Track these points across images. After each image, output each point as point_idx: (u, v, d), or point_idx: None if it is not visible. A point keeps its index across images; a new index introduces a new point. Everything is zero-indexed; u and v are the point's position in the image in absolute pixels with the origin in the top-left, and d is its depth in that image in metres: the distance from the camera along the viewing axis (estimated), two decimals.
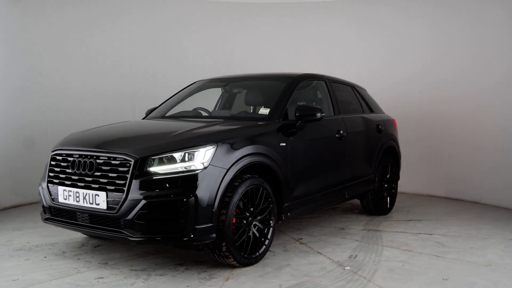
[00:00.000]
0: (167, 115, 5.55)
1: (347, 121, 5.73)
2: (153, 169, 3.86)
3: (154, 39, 8.20)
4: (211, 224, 3.89)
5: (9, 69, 6.93)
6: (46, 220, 4.44)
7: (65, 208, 4.20)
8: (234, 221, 4.13)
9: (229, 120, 5.00)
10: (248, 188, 4.20)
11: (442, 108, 7.78)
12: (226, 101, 6.29)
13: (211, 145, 3.98)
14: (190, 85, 6.09)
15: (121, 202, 3.83)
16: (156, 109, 5.76)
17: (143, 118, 5.66)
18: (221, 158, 4.01)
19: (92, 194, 3.99)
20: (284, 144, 4.64)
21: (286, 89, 5.13)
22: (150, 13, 8.20)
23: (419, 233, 5.49)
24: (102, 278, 3.93)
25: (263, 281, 3.86)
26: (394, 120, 7.01)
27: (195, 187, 3.83)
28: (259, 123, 4.68)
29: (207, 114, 5.56)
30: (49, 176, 4.38)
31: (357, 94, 6.45)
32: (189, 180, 3.84)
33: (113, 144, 4.15)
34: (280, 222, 4.69)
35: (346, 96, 6.30)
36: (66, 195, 4.17)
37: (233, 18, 8.65)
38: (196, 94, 5.90)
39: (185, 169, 3.87)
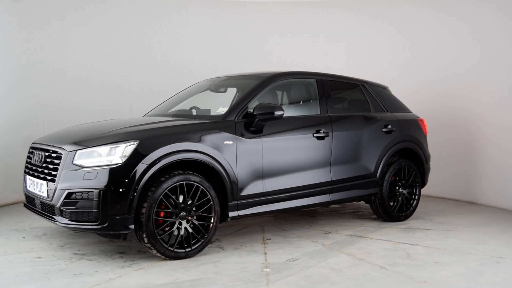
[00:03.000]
0: (168, 112, 5.79)
1: (336, 120, 5.50)
2: (79, 162, 4.22)
3: (151, 43, 8.21)
4: (127, 216, 4.12)
5: (8, 71, 7.02)
6: (24, 205, 5.06)
7: (29, 195, 4.76)
8: (162, 215, 4.31)
9: (185, 118, 5.11)
10: (177, 183, 4.33)
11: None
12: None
13: (133, 141, 4.22)
14: (195, 83, 6.32)
15: (53, 191, 4.25)
16: (159, 106, 6.05)
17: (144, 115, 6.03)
18: (143, 153, 4.21)
19: (40, 183, 4.48)
20: (230, 142, 4.67)
21: (253, 88, 5.12)
22: (146, 16, 8.20)
23: (403, 243, 5.07)
24: (40, 258, 4.40)
25: (168, 274, 3.99)
26: (420, 120, 6.47)
27: (111, 179, 4.10)
28: (205, 121, 4.78)
29: (195, 113, 5.74)
30: (25, 167, 4.99)
31: (367, 93, 6.10)
32: (106, 172, 4.12)
33: (60, 139, 4.60)
34: (229, 219, 4.72)
35: (348, 94, 6.03)
36: (30, 184, 4.73)
37: (247, 18, 8.59)
38: (203, 92, 6.10)
39: (106, 163, 4.16)
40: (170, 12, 8.33)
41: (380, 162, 5.87)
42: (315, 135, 5.27)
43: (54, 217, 4.28)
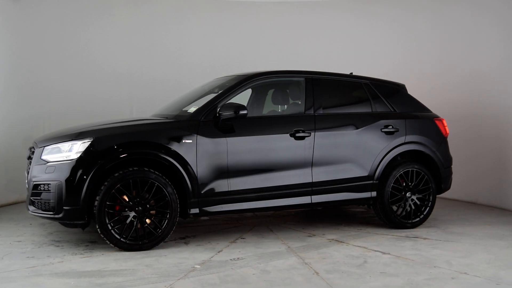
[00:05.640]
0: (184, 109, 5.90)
1: (322, 119, 5.33)
2: (45, 157, 4.69)
3: (151, 40, 8.18)
4: (80, 207, 4.49)
5: (8, 70, 7.07)
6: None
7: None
8: (117, 208, 4.61)
9: (159, 118, 5.29)
10: (131, 179, 4.59)
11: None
12: (254, 100, 6.46)
13: (88, 139, 4.58)
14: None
15: (28, 182, 4.79)
16: (170, 104, 6.22)
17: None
18: (96, 150, 4.55)
19: (26, 176, 5.05)
20: (190, 141, 4.80)
21: (227, 89, 5.19)
22: (148, 13, 8.18)
23: (376, 251, 4.76)
24: (20, 242, 4.98)
25: (104, 263, 4.26)
26: (438, 120, 5.94)
27: (65, 173, 4.51)
28: (166, 120, 4.99)
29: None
30: None
31: (371, 91, 5.76)
32: (62, 167, 4.55)
33: (42, 137, 5.13)
34: (191, 216, 4.87)
35: (346, 93, 5.80)
36: (25, 178, 5.34)
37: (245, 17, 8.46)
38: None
39: (64, 158, 4.58)
40: (171, 10, 8.27)
41: (378, 165, 5.53)
42: (296, 134, 5.16)
43: (28, 206, 4.79)
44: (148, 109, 6.35)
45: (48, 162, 4.63)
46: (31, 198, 4.71)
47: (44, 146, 4.73)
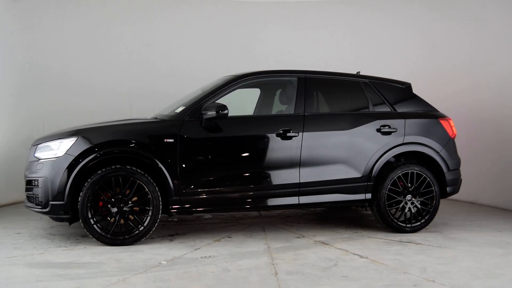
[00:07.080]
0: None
1: (312, 119, 5.25)
2: (38, 154, 4.98)
3: (152, 40, 8.18)
4: (62, 202, 4.73)
5: (9, 68, 7.16)
6: None
7: None
8: (100, 204, 4.82)
9: (149, 119, 5.43)
10: (113, 176, 4.78)
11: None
12: (262, 101, 6.50)
13: (72, 137, 4.82)
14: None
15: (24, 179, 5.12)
16: (169, 106, 6.33)
17: None
18: (80, 148, 4.77)
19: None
20: (171, 140, 4.91)
21: (214, 89, 5.25)
22: (147, 14, 8.17)
23: (354, 254, 4.63)
24: (19, 234, 5.31)
25: (80, 256, 4.46)
26: (444, 120, 5.65)
27: (50, 170, 4.77)
28: (148, 120, 5.14)
29: None
30: None
31: (370, 90, 5.58)
32: (50, 164, 4.81)
33: (41, 137, 5.44)
34: (174, 214, 4.99)
35: (343, 93, 5.66)
36: None
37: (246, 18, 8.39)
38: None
39: (52, 156, 4.85)
40: (171, 13, 8.19)
41: (373, 166, 5.36)
42: (281, 135, 5.12)
43: (25, 200, 5.11)
44: (149, 110, 6.43)
45: (39, 159, 4.91)
46: (26, 193, 5.01)
47: (38, 144, 5.02)
